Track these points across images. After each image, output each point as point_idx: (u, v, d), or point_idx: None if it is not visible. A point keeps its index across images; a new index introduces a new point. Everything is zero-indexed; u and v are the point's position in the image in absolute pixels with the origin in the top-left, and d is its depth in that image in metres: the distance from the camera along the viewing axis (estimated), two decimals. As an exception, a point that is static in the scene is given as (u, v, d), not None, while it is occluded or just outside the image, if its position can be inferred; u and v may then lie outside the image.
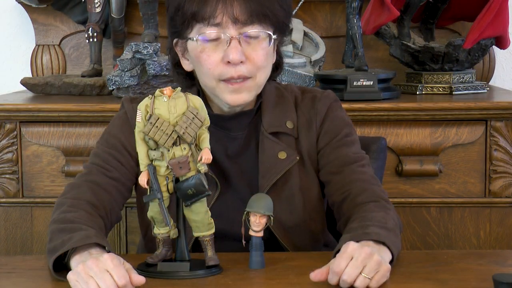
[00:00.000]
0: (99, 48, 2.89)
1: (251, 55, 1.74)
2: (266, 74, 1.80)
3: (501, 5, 2.65)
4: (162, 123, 1.51)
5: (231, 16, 1.71)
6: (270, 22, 1.75)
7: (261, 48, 1.75)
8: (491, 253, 1.89)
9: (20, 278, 1.58)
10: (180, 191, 1.54)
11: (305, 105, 1.87)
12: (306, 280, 1.51)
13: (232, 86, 1.75)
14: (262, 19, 1.73)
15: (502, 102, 2.52)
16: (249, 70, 1.74)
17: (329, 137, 1.85)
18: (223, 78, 1.74)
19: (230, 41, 1.72)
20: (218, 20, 1.71)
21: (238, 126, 1.84)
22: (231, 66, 1.73)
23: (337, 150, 1.84)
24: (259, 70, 1.76)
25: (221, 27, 1.72)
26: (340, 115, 1.89)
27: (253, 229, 1.59)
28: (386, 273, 1.49)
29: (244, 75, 1.74)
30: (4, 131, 2.58)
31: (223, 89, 1.76)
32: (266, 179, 1.79)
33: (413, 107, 2.52)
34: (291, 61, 2.68)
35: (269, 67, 1.81)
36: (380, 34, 2.80)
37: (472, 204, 2.56)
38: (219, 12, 1.71)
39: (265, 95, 1.85)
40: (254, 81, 1.76)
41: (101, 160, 1.79)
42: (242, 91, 1.76)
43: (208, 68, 1.75)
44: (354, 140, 1.87)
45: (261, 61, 1.75)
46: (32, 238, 2.61)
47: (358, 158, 1.83)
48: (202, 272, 1.55)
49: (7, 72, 3.16)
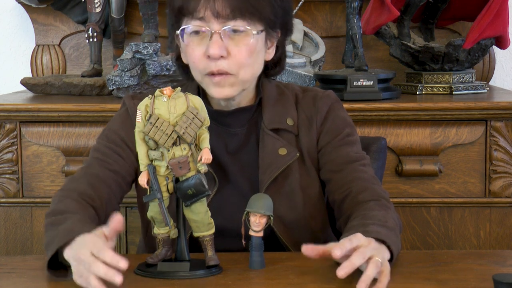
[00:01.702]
0: (99, 48, 2.89)
1: (233, 51, 1.74)
2: (252, 71, 1.79)
3: (501, 5, 2.65)
4: (162, 123, 1.51)
5: (213, 11, 1.72)
6: (257, 18, 1.75)
7: (244, 44, 1.74)
8: (491, 253, 1.89)
9: (20, 278, 1.58)
10: (180, 191, 1.54)
11: (306, 103, 1.88)
12: (306, 280, 1.51)
13: (214, 80, 1.75)
14: (246, 14, 1.73)
15: (502, 102, 2.52)
16: (230, 66, 1.74)
17: (331, 136, 1.85)
18: (205, 73, 1.75)
19: (211, 36, 1.73)
20: (201, 14, 1.73)
21: (237, 122, 1.84)
22: (212, 60, 1.73)
23: (338, 149, 1.84)
24: (241, 66, 1.75)
25: (204, 21, 1.73)
26: (341, 115, 1.89)
27: (253, 229, 1.59)
28: (389, 273, 1.49)
29: (224, 70, 1.74)
30: (4, 131, 2.58)
31: (208, 83, 1.77)
32: (266, 175, 1.79)
33: (413, 107, 2.52)
34: (291, 61, 2.68)
35: (256, 64, 1.79)
36: (380, 34, 2.80)
37: (472, 204, 2.56)
38: (202, 6, 1.72)
39: (266, 92, 1.85)
40: (236, 78, 1.76)
41: (101, 154, 1.80)
42: (224, 86, 1.76)
43: (193, 62, 1.77)
44: (356, 140, 1.88)
45: (243, 57, 1.75)
46: (32, 238, 2.61)
47: (359, 157, 1.84)
48: (202, 272, 1.55)
49: (7, 72, 3.16)
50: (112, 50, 2.98)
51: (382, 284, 1.45)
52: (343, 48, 2.89)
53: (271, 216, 1.59)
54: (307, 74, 2.67)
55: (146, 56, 2.65)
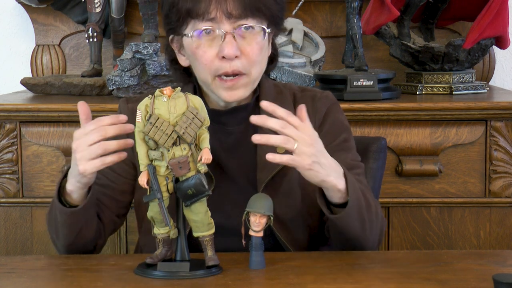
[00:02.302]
0: (99, 48, 2.89)
1: (246, 50, 1.75)
2: (261, 69, 1.80)
3: (501, 5, 2.65)
4: (162, 123, 1.51)
5: (225, 11, 1.72)
6: (264, 15, 1.76)
7: (256, 42, 1.76)
8: (491, 253, 1.89)
9: (20, 278, 1.58)
10: (180, 191, 1.54)
11: (304, 102, 1.87)
12: (306, 280, 1.51)
13: (227, 84, 1.76)
14: (256, 13, 1.74)
15: (502, 102, 2.52)
16: (244, 65, 1.75)
17: (328, 140, 1.85)
18: (218, 74, 1.75)
19: (224, 36, 1.73)
20: (212, 15, 1.72)
21: (234, 120, 1.84)
22: (226, 61, 1.74)
23: (334, 154, 1.84)
24: (253, 65, 1.76)
25: (215, 22, 1.73)
26: (339, 118, 1.89)
27: (253, 229, 1.59)
28: (296, 161, 1.60)
29: (239, 70, 1.75)
30: (4, 131, 2.58)
31: (219, 86, 1.77)
32: (264, 173, 1.80)
33: (413, 107, 2.52)
34: (291, 61, 2.68)
35: (264, 61, 1.81)
36: (380, 34, 2.80)
37: (472, 204, 2.56)
38: (213, 7, 1.72)
39: (263, 90, 1.86)
40: (249, 77, 1.77)
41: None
42: (237, 88, 1.77)
43: (204, 64, 1.76)
44: (352, 146, 1.88)
45: (256, 55, 1.76)
46: (32, 238, 2.61)
47: (355, 165, 1.85)
48: (202, 272, 1.55)
49: (7, 72, 3.16)
50: (112, 50, 2.98)
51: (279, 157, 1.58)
52: (343, 48, 2.89)
53: (271, 216, 1.59)
54: (307, 74, 2.67)
55: (146, 56, 2.65)
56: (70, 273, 1.59)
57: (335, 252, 1.75)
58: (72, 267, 1.63)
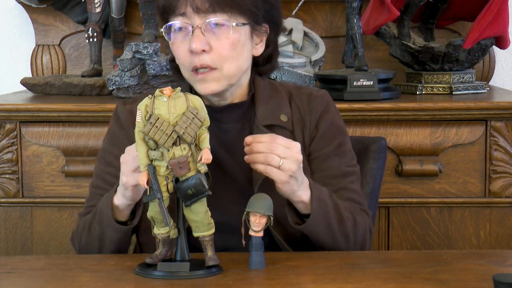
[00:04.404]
0: (99, 48, 2.89)
1: (215, 44, 1.75)
2: (238, 65, 1.79)
3: (501, 5, 2.65)
4: (162, 123, 1.51)
5: (194, 6, 1.73)
6: (237, 11, 1.75)
7: (226, 38, 1.75)
8: (491, 253, 1.89)
9: (20, 278, 1.58)
10: (180, 191, 1.54)
11: (300, 100, 1.88)
12: (306, 280, 1.51)
13: (198, 76, 1.77)
14: (226, 8, 1.74)
15: (502, 102, 2.52)
16: (213, 60, 1.75)
17: (323, 144, 1.85)
18: (190, 69, 1.77)
19: (193, 31, 1.74)
20: (182, 10, 1.74)
21: (230, 118, 1.85)
22: (195, 55, 1.75)
23: (329, 159, 1.84)
24: (224, 60, 1.76)
25: (186, 18, 1.75)
26: (335, 120, 1.89)
27: (253, 229, 1.59)
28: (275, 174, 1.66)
29: (207, 65, 1.75)
30: (4, 131, 2.58)
31: (194, 80, 1.78)
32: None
33: (413, 107, 2.52)
34: (291, 61, 2.68)
35: (240, 58, 1.79)
36: (380, 34, 2.80)
37: (472, 204, 2.56)
38: (183, 2, 1.74)
39: (258, 88, 1.86)
40: (220, 72, 1.77)
41: (100, 181, 1.88)
42: (209, 81, 1.77)
43: (179, 59, 1.79)
44: (347, 150, 1.88)
45: (225, 50, 1.75)
46: (32, 238, 2.61)
47: (350, 172, 1.85)
48: (202, 272, 1.55)
49: (7, 72, 3.16)
50: (112, 50, 2.99)
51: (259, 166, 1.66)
52: (343, 48, 2.89)
53: (271, 216, 1.59)
54: (307, 74, 2.67)
55: (146, 56, 2.65)
56: (70, 273, 1.59)
57: (334, 252, 1.75)
58: (72, 267, 1.63)
